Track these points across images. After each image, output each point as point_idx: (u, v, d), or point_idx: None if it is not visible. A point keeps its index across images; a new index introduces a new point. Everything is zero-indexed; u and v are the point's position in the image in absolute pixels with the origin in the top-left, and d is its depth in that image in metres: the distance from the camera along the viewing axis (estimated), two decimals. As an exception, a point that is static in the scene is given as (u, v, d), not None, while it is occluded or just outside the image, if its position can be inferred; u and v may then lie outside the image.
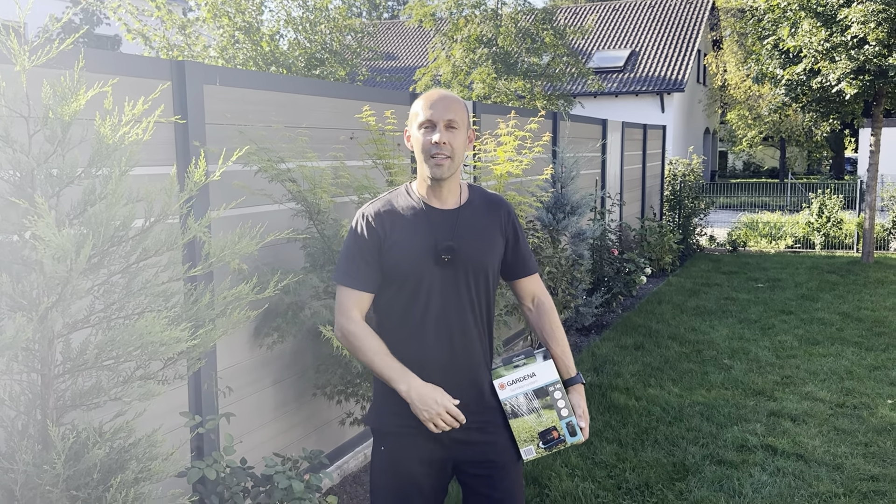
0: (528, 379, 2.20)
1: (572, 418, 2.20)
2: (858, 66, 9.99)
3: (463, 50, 13.23)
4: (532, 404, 2.19)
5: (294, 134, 3.57)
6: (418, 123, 2.17)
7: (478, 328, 2.29)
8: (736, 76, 27.44)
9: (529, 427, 2.20)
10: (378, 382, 2.36)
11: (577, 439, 2.21)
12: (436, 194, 2.24)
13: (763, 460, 4.36)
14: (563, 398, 2.20)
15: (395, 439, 2.29)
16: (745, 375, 5.91)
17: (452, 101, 2.19)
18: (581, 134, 8.18)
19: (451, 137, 2.15)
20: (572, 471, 4.19)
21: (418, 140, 2.18)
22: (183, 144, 3.13)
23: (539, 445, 2.20)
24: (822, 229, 13.05)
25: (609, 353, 6.50)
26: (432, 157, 2.14)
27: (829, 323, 7.61)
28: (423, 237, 2.20)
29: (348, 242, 2.24)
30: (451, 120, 2.15)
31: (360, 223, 2.23)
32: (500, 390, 2.22)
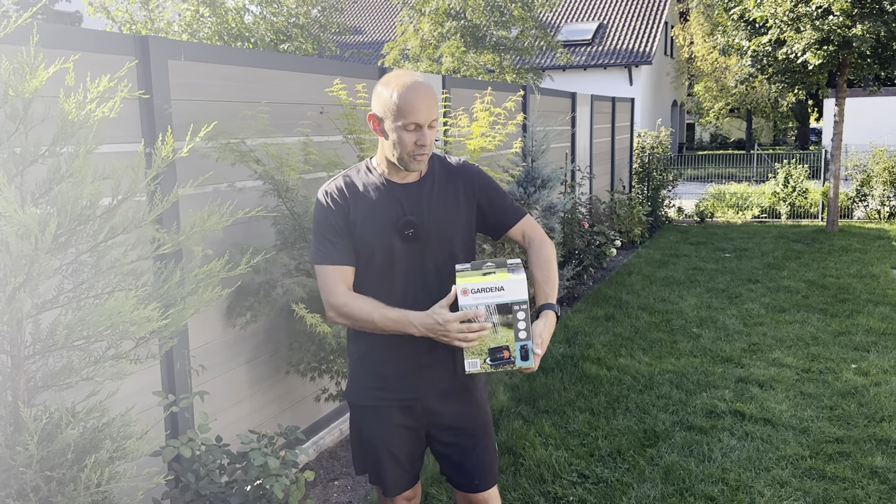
0: (495, 292, 2.03)
1: (528, 343, 2.04)
2: (823, 36, 10.10)
3: (431, 23, 13.13)
4: (491, 319, 2.03)
5: (260, 110, 3.53)
6: (403, 123, 2.12)
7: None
8: (703, 48, 27.61)
9: (481, 340, 2.05)
10: (352, 359, 2.39)
11: (527, 364, 2.05)
12: (398, 172, 2.25)
13: (731, 425, 4.46)
14: (526, 321, 2.03)
15: (372, 411, 2.35)
16: (713, 343, 6.01)
17: (433, 98, 2.17)
18: (551, 107, 8.19)
19: (431, 136, 2.16)
20: (546, 440, 4.25)
21: (401, 140, 2.14)
22: (148, 121, 3.09)
23: (486, 361, 2.05)
24: (788, 199, 13.24)
25: (581, 324, 6.58)
26: (415, 157, 2.16)
27: (794, 291, 7.75)
28: (385, 213, 2.21)
29: (316, 223, 2.24)
30: (434, 119, 2.16)
31: (325, 200, 2.24)
32: (461, 296, 2.05)
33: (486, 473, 2.44)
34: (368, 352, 2.33)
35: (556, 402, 4.79)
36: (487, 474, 2.44)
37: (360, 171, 2.29)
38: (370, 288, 2.24)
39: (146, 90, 3.08)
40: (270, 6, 9.52)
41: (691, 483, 3.77)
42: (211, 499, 2.81)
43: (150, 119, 3.09)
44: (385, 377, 2.32)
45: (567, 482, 3.80)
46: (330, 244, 2.20)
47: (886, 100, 20.99)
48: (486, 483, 2.44)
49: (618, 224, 10.07)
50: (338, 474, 4.01)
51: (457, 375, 2.32)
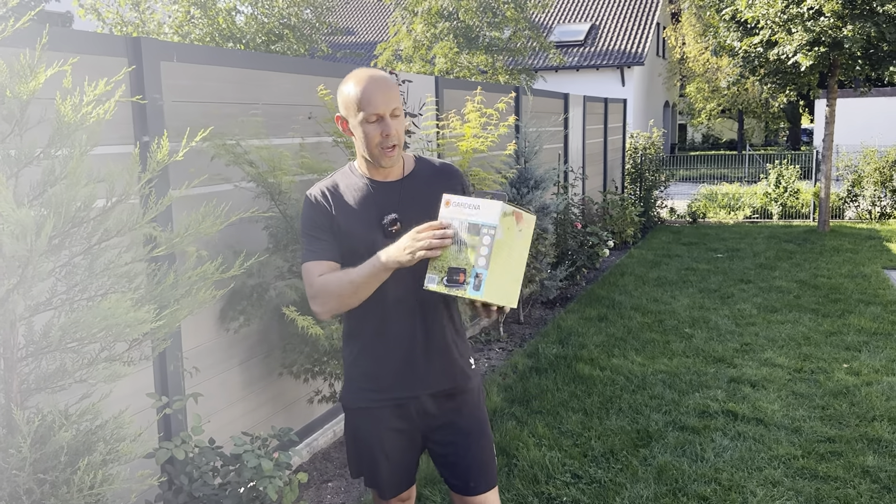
0: (471, 209, 1.98)
1: (484, 273, 1.94)
2: (814, 37, 10.15)
3: (424, 24, 13.14)
4: (460, 236, 1.97)
5: (255, 112, 3.53)
6: (364, 117, 2.13)
7: (448, 313, 2.33)
8: (694, 49, 27.69)
9: (446, 255, 1.99)
10: (346, 362, 2.37)
11: (476, 294, 1.95)
12: (379, 171, 2.26)
13: (724, 425, 4.48)
14: (490, 249, 1.95)
15: (366, 413, 2.34)
16: (705, 343, 6.03)
17: (390, 86, 2.15)
18: (543, 108, 8.21)
19: (396, 124, 2.14)
20: (539, 440, 4.26)
21: (366, 134, 2.15)
22: (141, 123, 3.08)
23: (443, 280, 1.99)
24: (780, 199, 13.30)
25: (574, 325, 6.59)
26: (384, 149, 2.15)
27: (786, 291, 7.79)
28: (368, 211, 2.22)
29: (302, 225, 2.27)
30: (395, 108, 2.14)
31: (309, 203, 2.27)
32: (443, 208, 2.02)
33: (483, 475, 2.38)
34: (361, 352, 2.32)
35: (550, 403, 4.80)
36: (484, 476, 2.38)
37: (344, 172, 2.31)
38: None
39: (139, 92, 3.08)
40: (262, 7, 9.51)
41: (684, 483, 3.79)
42: (204, 501, 2.81)
43: (143, 121, 3.08)
44: (378, 377, 2.30)
45: (560, 483, 3.81)
46: (315, 243, 2.21)
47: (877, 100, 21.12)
48: (483, 485, 2.38)
49: (610, 224, 10.09)
50: (331, 476, 4.01)
51: (452, 374, 2.33)
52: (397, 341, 2.25)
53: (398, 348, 2.26)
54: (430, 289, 2.01)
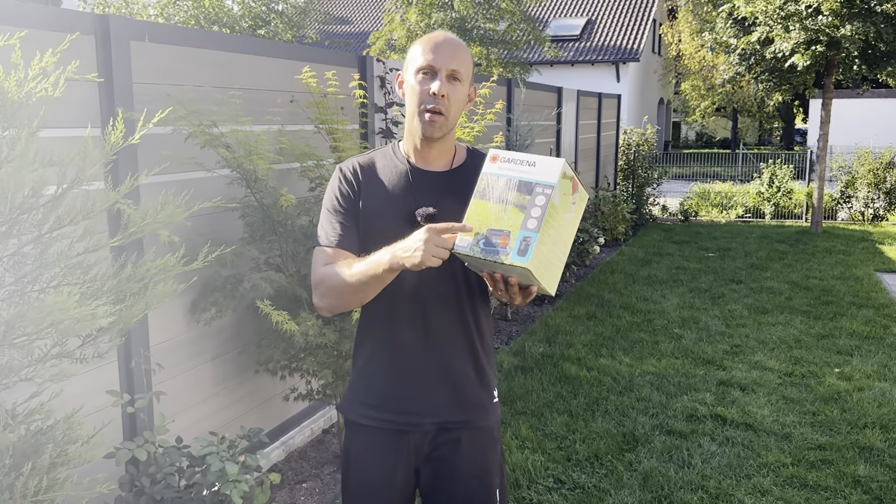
0: (524, 166, 1.69)
1: (534, 237, 1.61)
2: (811, 36, 10.03)
3: (418, 14, 12.96)
4: (507, 195, 1.68)
5: (232, 95, 3.37)
6: (416, 68, 1.84)
7: (459, 310, 1.94)
8: (690, 46, 27.57)
9: (485, 216, 1.68)
10: (355, 367, 2.04)
11: (521, 261, 1.60)
12: (422, 155, 1.93)
13: (712, 430, 4.36)
14: (543, 210, 1.63)
15: (365, 434, 2.00)
16: (695, 345, 5.92)
17: (459, 47, 1.87)
18: (536, 102, 8.06)
19: (451, 90, 1.82)
20: (522, 443, 4.13)
21: (413, 88, 1.84)
22: (108, 105, 2.93)
23: (479, 243, 1.66)
24: (773, 199, 13.20)
25: (562, 323, 6.46)
26: (427, 110, 1.82)
27: (778, 292, 7.68)
28: (400, 200, 1.90)
29: (325, 199, 1.97)
30: (455, 70, 1.83)
31: (337, 177, 1.97)
32: (489, 162, 1.74)
33: None
34: (370, 360, 1.99)
35: (535, 404, 4.68)
36: None
37: (385, 153, 2.00)
38: None
39: (106, 72, 2.92)
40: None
41: (670, 490, 3.67)
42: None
43: (111, 103, 2.93)
44: (381, 393, 1.97)
45: (542, 488, 3.69)
46: (331, 223, 1.92)
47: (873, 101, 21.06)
48: None
49: (602, 221, 9.97)
50: (306, 476, 3.87)
51: (467, 404, 1.97)
52: (409, 353, 1.93)
53: (407, 363, 1.94)
54: (460, 254, 1.67)
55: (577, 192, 1.73)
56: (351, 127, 3.97)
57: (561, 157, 1.69)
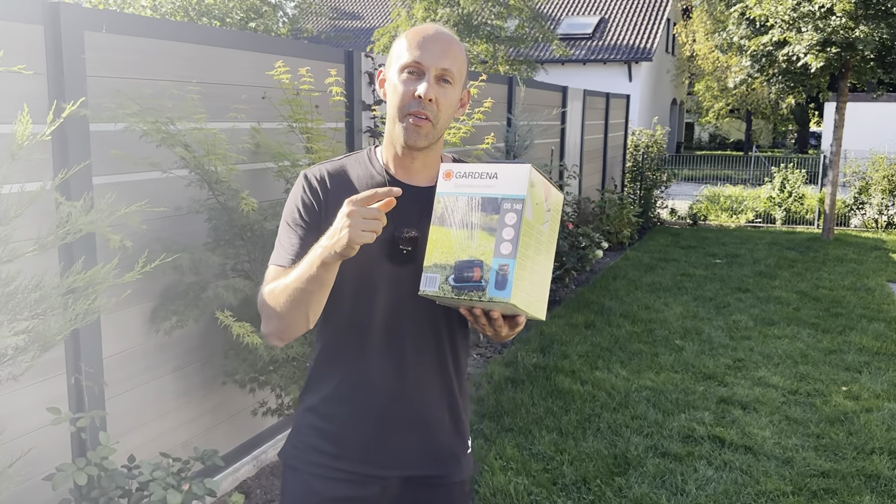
0: (485, 179, 1.45)
1: (511, 263, 1.38)
2: (825, 37, 9.73)
3: (424, 10, 12.72)
4: (470, 217, 1.45)
5: (190, 90, 3.15)
6: (401, 65, 1.57)
7: (439, 346, 1.69)
8: (704, 46, 27.20)
9: (449, 246, 1.45)
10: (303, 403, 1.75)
11: (501, 296, 1.38)
12: (403, 165, 1.66)
13: (709, 453, 4.12)
14: (516, 230, 1.40)
15: (313, 485, 1.71)
16: (696, 358, 5.67)
17: (452, 43, 1.60)
18: (540, 101, 7.82)
19: (441, 93, 1.56)
20: (506, 463, 3.90)
21: (396, 88, 1.57)
22: (58, 100, 2.71)
23: (449, 279, 1.43)
24: (784, 204, 12.90)
25: (558, 331, 6.22)
26: (410, 114, 1.55)
27: (785, 302, 7.42)
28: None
29: (284, 213, 1.69)
30: (446, 70, 1.57)
31: (301, 185, 1.67)
32: (442, 179, 1.50)
33: None
34: (325, 401, 1.71)
35: (523, 420, 4.44)
36: None
37: (359, 160, 1.71)
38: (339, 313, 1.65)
39: (56, 64, 2.71)
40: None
41: (661, 520, 3.44)
42: (102, 536, 2.46)
43: (61, 98, 2.72)
44: (339, 440, 1.69)
45: (524, 514, 3.46)
46: (287, 241, 1.64)
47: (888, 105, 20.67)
48: None
49: (607, 224, 9.72)
50: (276, 495, 3.66)
51: (440, 457, 1.72)
52: (378, 395, 1.66)
53: (374, 405, 1.67)
54: (429, 294, 1.45)
55: (550, 198, 1.51)
56: (328, 125, 3.74)
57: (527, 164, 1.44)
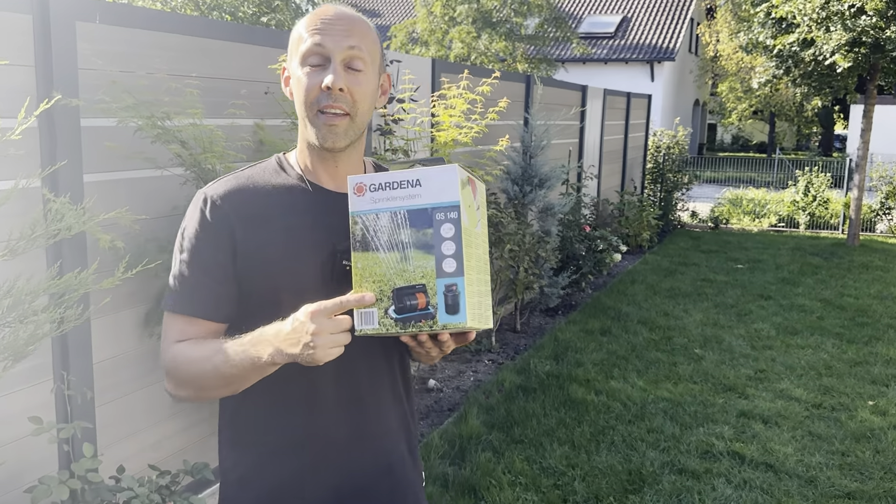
0: (407, 188, 1.26)
1: (460, 282, 1.22)
2: (854, 37, 9.46)
3: (443, 6, 12.56)
4: (399, 236, 1.26)
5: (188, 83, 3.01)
6: (301, 55, 1.36)
7: (392, 379, 1.51)
8: (728, 47, 26.79)
9: (380, 273, 1.26)
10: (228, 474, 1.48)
11: (457, 320, 1.22)
12: (327, 170, 1.44)
13: (728, 470, 3.93)
14: (457, 242, 1.24)
15: None
16: (716, 368, 5.47)
17: (355, 21, 1.38)
18: (558, 100, 7.64)
19: (352, 81, 1.35)
20: (515, 478, 3.74)
21: (300, 82, 1.36)
22: (46, 93, 2.59)
23: (388, 312, 1.25)
24: (808, 208, 12.61)
25: (573, 338, 6.05)
26: (322, 112, 1.34)
27: (809, 310, 7.19)
28: (308, 236, 1.39)
29: (179, 244, 1.40)
30: (354, 53, 1.35)
31: (199, 209, 1.38)
32: (354, 195, 1.29)
33: None
34: (274, 457, 1.44)
35: (534, 431, 4.28)
36: None
37: (267, 169, 1.46)
38: None
39: (45, 56, 2.59)
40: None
41: (676, 543, 3.26)
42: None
43: (49, 90, 2.59)
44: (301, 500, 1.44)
45: (532, 533, 3.30)
46: (188, 283, 1.38)
47: (917, 109, 20.22)
48: None
49: (625, 227, 9.51)
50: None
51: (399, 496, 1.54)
52: (338, 444, 1.44)
53: (340, 455, 1.44)
54: (368, 332, 1.26)
55: (477, 193, 1.35)
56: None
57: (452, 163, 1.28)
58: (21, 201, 2.46)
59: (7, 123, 2.47)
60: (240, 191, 1.40)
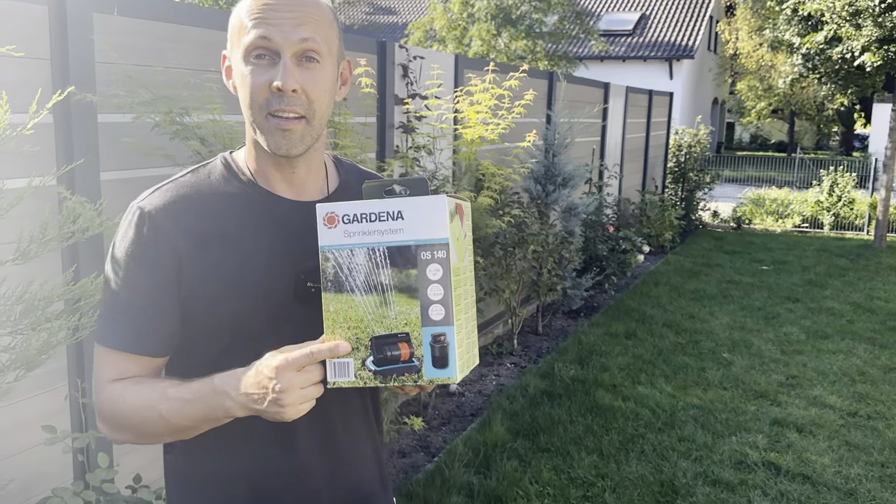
0: (387, 221, 1.10)
1: (449, 331, 1.08)
2: (885, 34, 9.25)
3: (461, 2, 12.42)
4: (378, 277, 1.10)
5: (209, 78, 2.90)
6: (244, 48, 1.15)
7: (364, 409, 1.36)
8: (748, 44, 26.48)
9: (356, 318, 1.10)
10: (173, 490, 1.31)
11: (446, 374, 1.09)
12: (284, 176, 1.24)
13: (764, 481, 3.78)
14: (445, 286, 1.09)
15: None
16: (746, 373, 5.31)
17: (306, 4, 1.16)
18: (580, 98, 7.49)
19: (308, 78, 1.14)
20: (542, 489, 3.61)
21: (244, 79, 1.15)
22: (61, 88, 2.48)
23: (366, 364, 1.10)
24: (832, 209, 12.39)
25: (597, 341, 5.90)
26: (273, 115, 1.14)
27: (838, 314, 7.00)
28: (264, 254, 1.21)
29: (112, 268, 1.19)
30: (308, 44, 1.14)
31: (134, 224, 1.17)
32: (324, 226, 1.12)
33: None
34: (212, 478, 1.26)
35: (561, 439, 4.14)
36: None
37: (212, 174, 1.24)
38: None
39: (62, 49, 2.48)
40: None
41: (713, 559, 3.12)
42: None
43: (65, 85, 2.49)
44: None
45: (563, 547, 3.17)
46: (123, 312, 1.18)
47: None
48: None
49: (647, 227, 9.35)
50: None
51: None
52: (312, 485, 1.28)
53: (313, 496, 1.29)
54: (343, 384, 1.11)
55: (464, 219, 1.17)
56: (356, 120, 3.47)
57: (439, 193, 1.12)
58: (36, 201, 2.36)
59: (21, 119, 2.36)
60: (183, 202, 1.19)
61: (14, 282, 1.94)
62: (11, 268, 1.95)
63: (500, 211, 5.03)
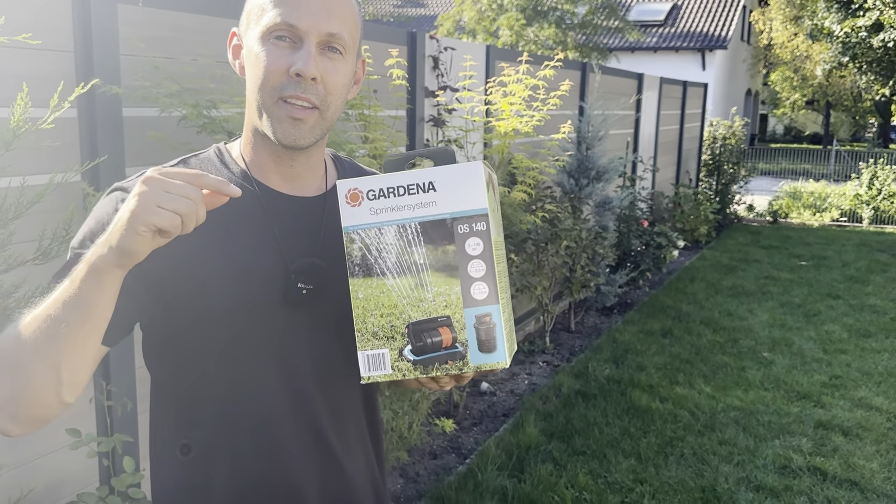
0: (417, 193, 1.00)
1: (495, 311, 0.99)
2: (929, 22, 8.96)
3: (491, -6, 12.27)
4: (411, 255, 1.00)
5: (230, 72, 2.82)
6: (265, 27, 1.07)
7: (356, 418, 1.24)
8: (783, 35, 25.95)
9: (389, 303, 1.01)
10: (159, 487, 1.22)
11: (494, 360, 0.99)
12: (280, 169, 1.16)
13: (810, 488, 3.63)
14: (487, 262, 0.99)
15: None
16: (787, 373, 5.14)
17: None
18: (613, 89, 7.32)
19: (328, 69, 1.08)
20: (579, 493, 3.49)
21: (258, 60, 1.07)
22: (85, 81, 2.41)
23: (403, 352, 1.01)
24: (872, 202, 12.06)
25: (632, 339, 5.76)
26: (284, 100, 1.06)
27: (881, 311, 6.78)
28: (258, 248, 1.12)
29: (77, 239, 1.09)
30: (334, 35, 1.07)
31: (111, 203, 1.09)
32: (347, 204, 1.01)
33: None
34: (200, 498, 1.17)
35: (597, 442, 4.02)
36: None
37: (204, 162, 1.18)
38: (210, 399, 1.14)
39: (85, 41, 2.41)
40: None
41: (759, 571, 2.99)
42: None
43: (89, 77, 2.41)
44: None
45: (601, 556, 3.06)
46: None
47: None
48: None
49: (681, 221, 9.16)
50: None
51: None
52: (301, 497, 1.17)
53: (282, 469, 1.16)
54: (378, 378, 1.01)
55: (496, 193, 1.08)
56: (387, 113, 3.37)
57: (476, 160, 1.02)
58: (58, 198, 2.29)
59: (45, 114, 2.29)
60: None
61: (34, 282, 1.87)
62: (32, 267, 1.88)
63: (532, 206, 4.90)
